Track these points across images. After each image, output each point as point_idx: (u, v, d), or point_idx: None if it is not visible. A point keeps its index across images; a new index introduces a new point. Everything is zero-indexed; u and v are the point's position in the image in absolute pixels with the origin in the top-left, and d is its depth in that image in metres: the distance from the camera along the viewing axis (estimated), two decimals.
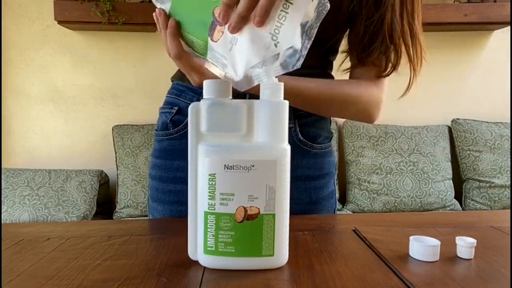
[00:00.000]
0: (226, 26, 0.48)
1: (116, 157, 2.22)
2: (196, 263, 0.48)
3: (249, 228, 0.45)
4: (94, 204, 2.09)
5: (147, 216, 2.17)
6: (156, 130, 0.83)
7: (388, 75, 0.75)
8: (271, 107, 0.45)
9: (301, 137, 0.79)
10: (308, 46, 0.45)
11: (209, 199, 0.45)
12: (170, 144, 0.80)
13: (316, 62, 0.79)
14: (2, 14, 2.28)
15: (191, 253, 0.49)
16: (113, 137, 2.25)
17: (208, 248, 0.46)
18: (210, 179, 0.45)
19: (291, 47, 0.45)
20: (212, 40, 0.51)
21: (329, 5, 0.44)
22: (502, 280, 0.43)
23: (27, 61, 2.32)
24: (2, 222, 1.95)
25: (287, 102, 0.46)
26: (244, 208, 0.44)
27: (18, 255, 0.52)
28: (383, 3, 0.68)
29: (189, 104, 0.78)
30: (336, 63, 0.82)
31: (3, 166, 2.27)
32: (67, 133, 2.36)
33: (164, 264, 0.48)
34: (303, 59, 0.45)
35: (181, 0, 0.55)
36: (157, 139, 0.82)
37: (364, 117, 0.77)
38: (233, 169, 0.44)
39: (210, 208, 0.45)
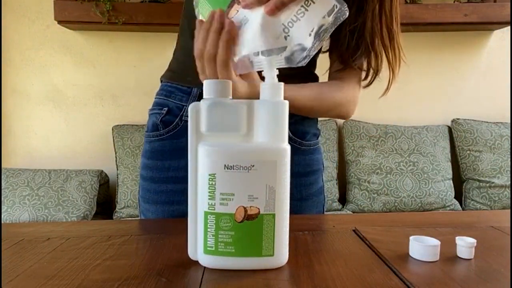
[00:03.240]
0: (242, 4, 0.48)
1: (116, 157, 2.22)
2: (196, 263, 0.48)
3: (249, 228, 0.45)
4: (94, 204, 2.09)
5: None
6: (146, 131, 0.83)
7: (371, 82, 0.78)
8: (271, 107, 0.45)
9: (291, 134, 0.80)
10: (318, 48, 0.45)
11: (209, 199, 0.45)
12: (160, 145, 0.80)
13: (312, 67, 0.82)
14: (2, 14, 2.28)
15: (191, 253, 0.49)
16: (113, 137, 2.25)
17: (208, 248, 0.46)
18: (210, 179, 0.45)
19: (300, 44, 0.45)
20: (227, 17, 0.51)
21: (348, 13, 0.44)
22: (502, 280, 0.43)
23: (27, 61, 2.32)
24: (2, 222, 1.95)
25: (287, 102, 0.46)
26: (244, 208, 0.44)
27: (18, 255, 0.52)
28: (364, 10, 0.71)
29: (179, 104, 0.80)
30: (319, 61, 0.85)
31: (3, 166, 2.27)
32: (67, 133, 2.36)
33: (164, 264, 0.48)
34: (309, 59, 0.45)
35: None
36: (148, 140, 0.82)
37: (343, 116, 0.81)
38: (233, 169, 0.44)
39: (210, 208, 0.45)
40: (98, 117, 2.36)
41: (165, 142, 0.79)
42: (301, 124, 0.82)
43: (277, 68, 0.47)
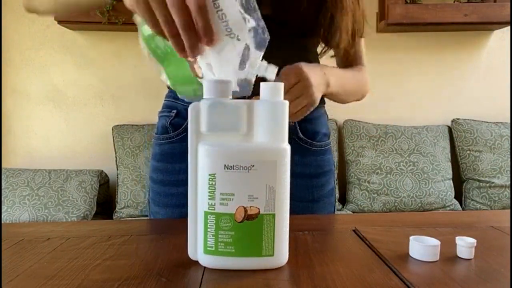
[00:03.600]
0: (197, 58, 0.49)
1: (116, 157, 2.22)
2: (196, 263, 0.48)
3: (249, 228, 0.45)
4: (94, 204, 2.09)
5: (147, 216, 2.17)
6: (155, 133, 0.83)
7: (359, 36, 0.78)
8: (271, 107, 0.45)
9: (301, 135, 0.80)
10: (259, 15, 0.45)
11: (209, 199, 0.45)
12: (170, 148, 0.79)
13: (308, 54, 0.82)
14: (2, 14, 2.28)
15: (191, 253, 0.49)
16: (113, 137, 2.25)
17: (208, 248, 0.46)
18: (210, 179, 0.45)
19: (249, 29, 0.45)
20: (199, 77, 0.52)
21: None
22: (502, 280, 0.43)
23: (27, 61, 2.32)
24: (2, 222, 1.95)
25: (287, 102, 0.46)
26: (244, 208, 0.44)
27: (18, 255, 0.52)
28: None
29: (187, 106, 0.79)
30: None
31: (3, 166, 2.27)
32: (67, 133, 2.36)
33: (164, 264, 0.48)
34: (267, 29, 0.45)
35: (169, 61, 0.56)
36: (157, 143, 0.82)
37: (364, 96, 0.86)
38: (233, 169, 0.44)
39: (210, 208, 0.45)
40: (98, 117, 2.36)
41: (175, 145, 0.79)
42: (311, 124, 0.81)
43: (278, 66, 0.47)
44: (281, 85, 0.46)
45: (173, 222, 0.73)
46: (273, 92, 0.46)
